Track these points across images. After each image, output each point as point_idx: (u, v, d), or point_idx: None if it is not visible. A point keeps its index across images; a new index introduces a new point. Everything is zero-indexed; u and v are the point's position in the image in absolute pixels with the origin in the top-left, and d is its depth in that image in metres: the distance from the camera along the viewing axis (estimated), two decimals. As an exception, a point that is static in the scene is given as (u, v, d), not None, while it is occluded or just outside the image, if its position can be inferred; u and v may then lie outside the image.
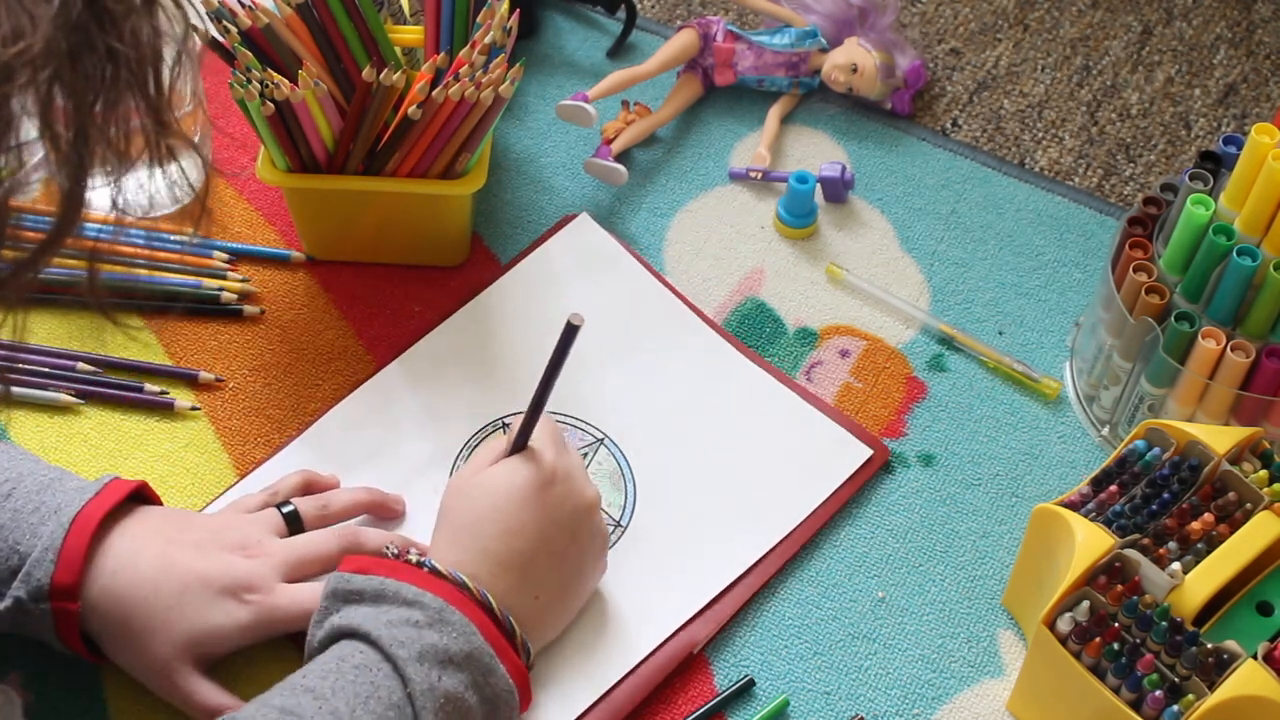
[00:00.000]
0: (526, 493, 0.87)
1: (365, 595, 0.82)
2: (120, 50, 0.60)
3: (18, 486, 0.87)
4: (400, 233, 1.08)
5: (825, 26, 1.22)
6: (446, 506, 0.89)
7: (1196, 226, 0.95)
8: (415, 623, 0.81)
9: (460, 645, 0.81)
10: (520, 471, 0.88)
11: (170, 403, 1.01)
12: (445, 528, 0.88)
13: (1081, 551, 0.85)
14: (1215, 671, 0.82)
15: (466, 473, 0.90)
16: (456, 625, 0.81)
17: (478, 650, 0.81)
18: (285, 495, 0.94)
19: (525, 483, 0.87)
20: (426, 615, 0.81)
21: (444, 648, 0.80)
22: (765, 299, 1.10)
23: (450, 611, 0.82)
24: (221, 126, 1.16)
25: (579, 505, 0.89)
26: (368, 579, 0.83)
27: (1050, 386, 1.06)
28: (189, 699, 0.86)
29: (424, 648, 0.80)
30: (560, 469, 0.89)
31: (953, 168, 1.19)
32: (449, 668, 0.80)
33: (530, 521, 0.87)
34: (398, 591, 0.82)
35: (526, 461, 0.88)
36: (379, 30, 1.03)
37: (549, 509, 0.88)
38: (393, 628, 0.80)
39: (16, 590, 0.84)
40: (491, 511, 0.87)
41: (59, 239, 0.62)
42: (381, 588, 0.82)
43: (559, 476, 0.88)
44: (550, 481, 0.88)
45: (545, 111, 1.20)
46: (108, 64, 0.60)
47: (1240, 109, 1.25)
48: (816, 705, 0.92)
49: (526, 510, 0.87)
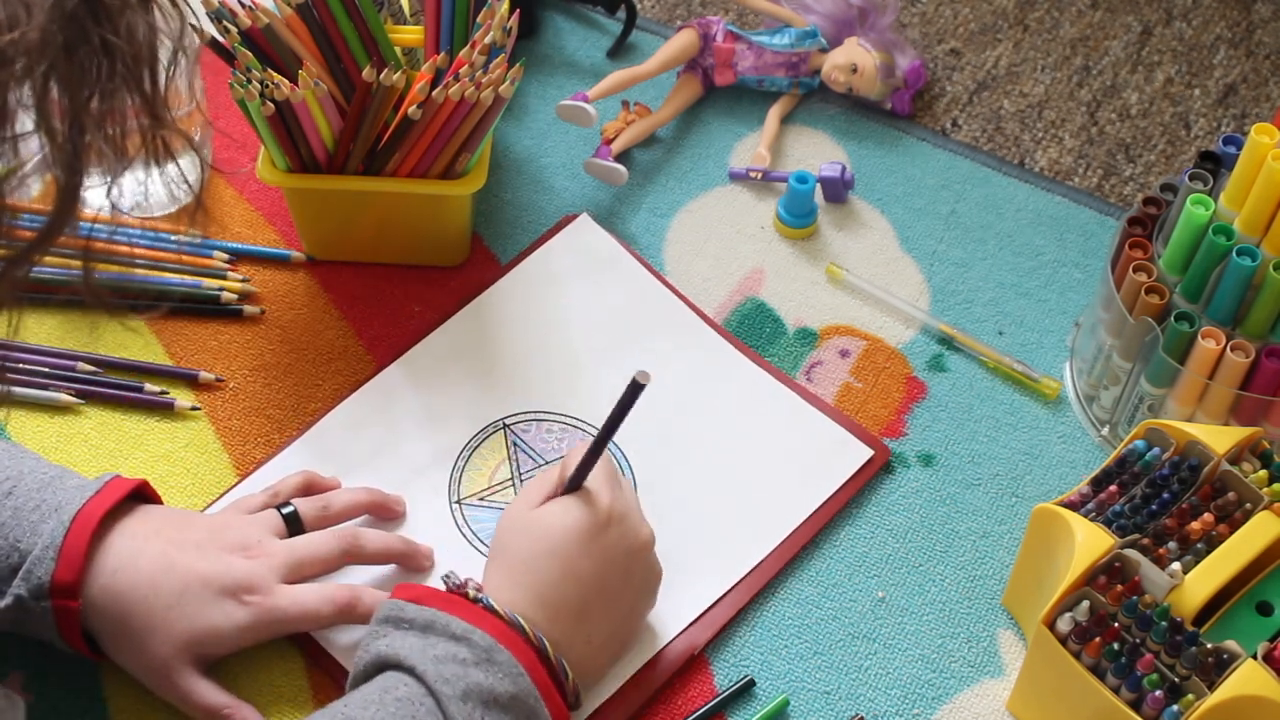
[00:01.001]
0: (585, 536, 0.86)
1: (415, 624, 0.81)
2: (115, 44, 0.60)
3: (18, 484, 0.87)
4: (400, 233, 1.08)
5: (825, 26, 1.22)
6: (502, 542, 0.88)
7: (1196, 226, 0.95)
8: (462, 660, 0.79)
9: (506, 686, 0.79)
10: (576, 513, 0.86)
11: (170, 403, 1.01)
12: (501, 564, 0.87)
13: (1081, 551, 0.85)
14: (1215, 671, 0.82)
15: (521, 507, 0.88)
16: (504, 665, 0.80)
17: (524, 693, 0.80)
18: (286, 496, 0.94)
19: (582, 525, 0.86)
20: (474, 653, 0.80)
21: (489, 688, 0.79)
22: (765, 299, 1.10)
23: (499, 651, 0.80)
24: (221, 126, 1.16)
25: (634, 546, 0.88)
26: (420, 609, 0.82)
27: (1050, 386, 1.06)
28: (188, 698, 0.86)
29: (469, 686, 0.79)
30: (616, 510, 0.87)
31: (953, 168, 1.19)
32: (493, 708, 0.79)
33: (588, 566, 0.86)
34: (447, 625, 0.81)
35: (583, 503, 0.87)
36: (379, 30, 1.03)
37: (606, 552, 0.87)
38: (439, 663, 0.79)
39: (17, 588, 0.84)
40: (548, 554, 0.85)
41: (55, 232, 0.62)
42: (431, 619, 0.81)
43: (614, 518, 0.87)
44: (607, 524, 0.87)
45: (545, 111, 1.20)
46: (103, 58, 0.60)
47: (1240, 109, 1.25)
48: (816, 705, 0.92)
49: (585, 555, 0.86)
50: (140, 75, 0.61)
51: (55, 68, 0.58)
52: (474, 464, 1.00)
